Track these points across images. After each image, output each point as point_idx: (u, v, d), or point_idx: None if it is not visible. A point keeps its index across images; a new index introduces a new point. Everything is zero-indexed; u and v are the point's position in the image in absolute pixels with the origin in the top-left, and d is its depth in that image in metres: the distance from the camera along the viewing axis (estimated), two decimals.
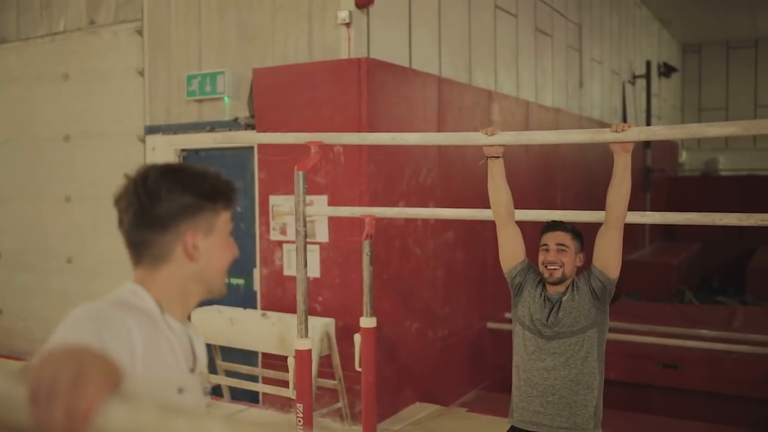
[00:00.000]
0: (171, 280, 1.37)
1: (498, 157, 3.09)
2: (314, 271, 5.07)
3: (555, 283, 3.02)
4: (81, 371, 0.82)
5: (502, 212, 3.09)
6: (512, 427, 3.11)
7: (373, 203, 4.86)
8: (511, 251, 3.14)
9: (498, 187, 3.08)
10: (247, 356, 5.48)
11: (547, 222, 3.16)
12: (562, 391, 2.96)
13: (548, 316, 3.00)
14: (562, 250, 3.01)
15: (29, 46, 6.88)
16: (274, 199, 5.31)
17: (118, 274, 6.19)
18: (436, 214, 4.93)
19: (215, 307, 5.53)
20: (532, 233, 3.55)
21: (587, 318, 2.96)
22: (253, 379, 5.41)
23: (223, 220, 1.41)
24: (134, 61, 6.24)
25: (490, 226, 6.50)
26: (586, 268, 3.04)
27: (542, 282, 3.09)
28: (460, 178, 6.02)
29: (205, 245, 1.38)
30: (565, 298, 3.00)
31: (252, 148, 5.52)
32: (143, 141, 6.19)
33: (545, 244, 3.05)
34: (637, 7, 13.37)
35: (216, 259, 1.40)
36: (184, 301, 1.40)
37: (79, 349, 0.85)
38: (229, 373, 5.49)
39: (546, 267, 3.01)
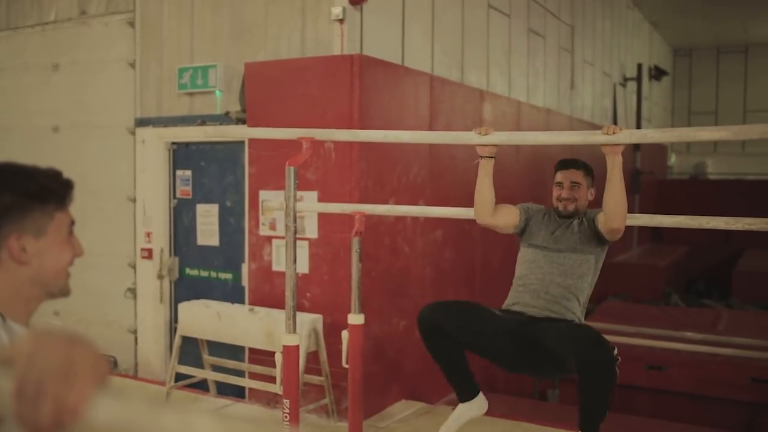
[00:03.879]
0: (4, 285, 1.30)
1: (492, 157, 3.16)
2: (303, 267, 5.06)
3: (568, 217, 3.25)
4: (71, 364, 0.81)
5: (487, 209, 3.27)
6: (501, 309, 3.28)
7: (363, 200, 4.85)
8: (509, 222, 3.34)
9: (487, 187, 3.21)
10: (234, 351, 5.47)
11: (561, 160, 3.37)
12: (554, 292, 3.16)
13: (555, 231, 3.22)
14: (575, 186, 3.23)
15: (19, 36, 6.83)
16: (264, 194, 5.29)
17: (110, 266, 6.21)
18: (426, 212, 4.93)
19: (203, 301, 5.51)
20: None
21: (590, 245, 3.17)
22: (240, 374, 5.40)
23: (57, 221, 1.34)
24: (125, 52, 6.20)
25: (479, 226, 6.51)
26: (596, 200, 3.27)
27: (549, 210, 3.32)
28: (450, 177, 6.02)
29: (36, 248, 1.30)
30: (574, 222, 3.22)
31: (243, 142, 5.50)
32: (133, 133, 6.16)
33: (559, 182, 3.27)
34: (630, 10, 13.41)
35: (52, 260, 1.33)
36: (26, 306, 1.34)
37: (69, 340, 0.84)
38: (216, 368, 5.47)
39: (560, 202, 3.25)
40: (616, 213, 2.93)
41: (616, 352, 2.90)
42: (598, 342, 2.89)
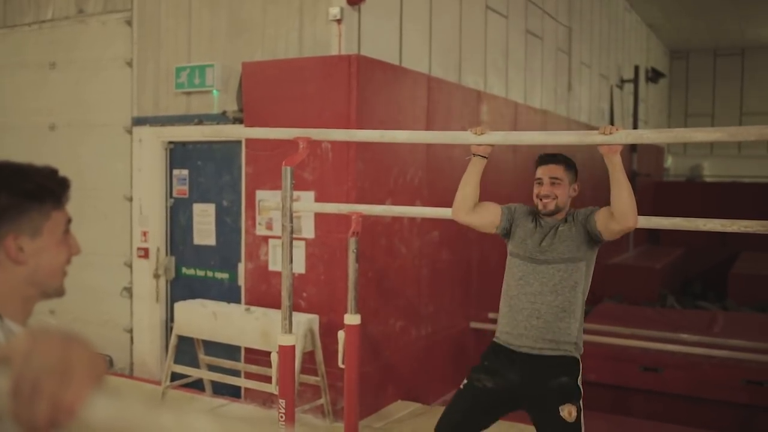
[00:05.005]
0: (2, 285, 1.29)
1: (485, 157, 3.15)
2: (299, 267, 5.06)
3: (549, 215, 3.13)
4: (67, 363, 0.81)
5: (466, 206, 3.21)
6: (494, 343, 3.20)
7: (360, 200, 4.85)
8: (489, 221, 3.24)
9: (472, 184, 3.19)
10: (229, 351, 5.46)
11: (540, 155, 3.26)
12: (547, 315, 3.05)
13: (542, 241, 3.09)
14: (555, 183, 3.12)
15: (16, 34, 6.81)
16: (260, 194, 5.29)
17: (108, 265, 6.21)
18: (423, 212, 4.93)
19: (199, 300, 5.51)
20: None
21: (579, 250, 3.06)
22: (236, 373, 5.40)
23: (54, 220, 1.33)
24: (123, 51, 6.19)
25: None
26: (580, 196, 3.21)
27: (535, 212, 3.20)
28: (447, 178, 6.01)
29: (33, 247, 1.29)
30: (561, 227, 3.10)
31: (240, 142, 5.50)
32: (130, 132, 6.15)
33: (539, 178, 3.16)
34: (627, 12, 13.43)
35: (48, 260, 1.33)
36: (24, 305, 1.33)
37: (65, 339, 0.83)
38: (212, 368, 5.47)
39: (540, 200, 3.13)
40: (626, 214, 2.88)
41: None
42: None
